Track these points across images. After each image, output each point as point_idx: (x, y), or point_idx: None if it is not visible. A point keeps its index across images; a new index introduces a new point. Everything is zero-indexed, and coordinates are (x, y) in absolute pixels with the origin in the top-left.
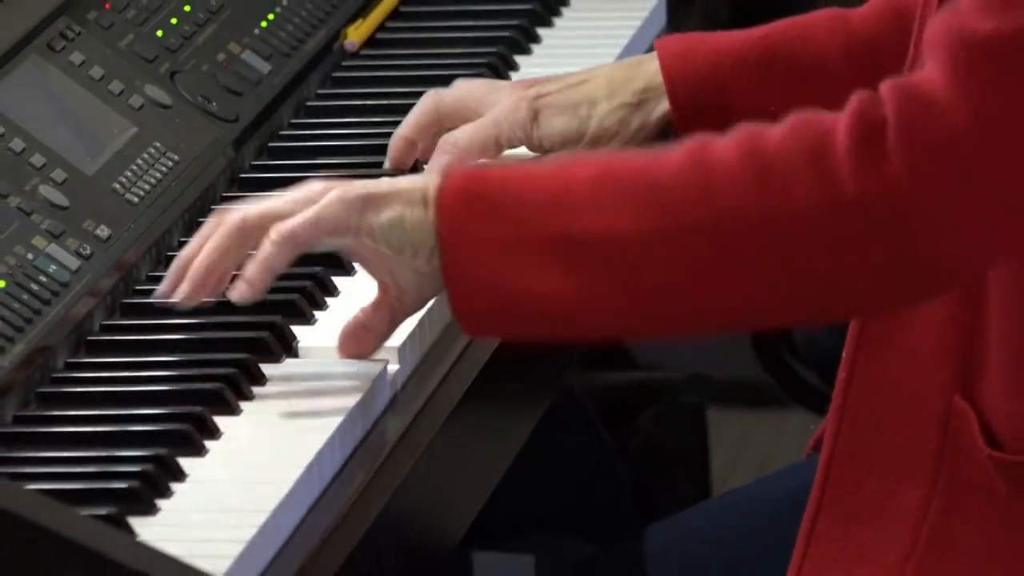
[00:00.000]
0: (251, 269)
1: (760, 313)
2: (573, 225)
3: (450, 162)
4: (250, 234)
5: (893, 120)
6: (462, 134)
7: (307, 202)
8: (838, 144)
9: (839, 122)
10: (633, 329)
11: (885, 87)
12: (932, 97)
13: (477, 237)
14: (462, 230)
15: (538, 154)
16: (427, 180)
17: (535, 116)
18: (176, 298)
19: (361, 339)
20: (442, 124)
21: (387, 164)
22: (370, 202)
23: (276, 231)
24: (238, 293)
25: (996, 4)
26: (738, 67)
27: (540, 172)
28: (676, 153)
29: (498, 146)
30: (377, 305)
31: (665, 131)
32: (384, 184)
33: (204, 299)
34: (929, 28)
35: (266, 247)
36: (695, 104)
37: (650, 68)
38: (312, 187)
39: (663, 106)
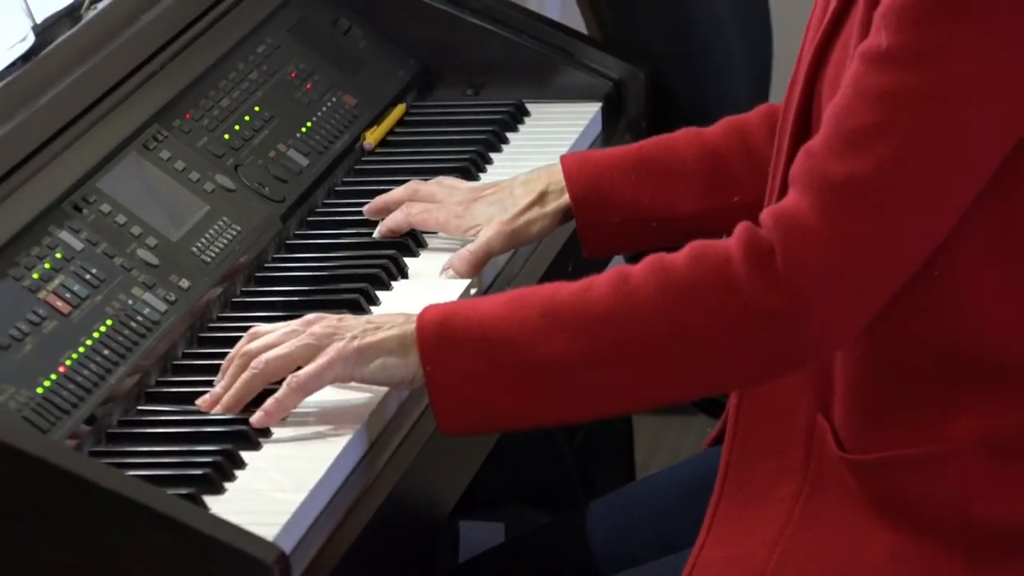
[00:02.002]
0: (271, 405)
1: (682, 392)
2: (530, 355)
3: (398, 224)
4: (268, 379)
5: (779, 248)
6: (418, 207)
7: (313, 348)
8: (737, 269)
9: (733, 251)
10: (580, 419)
11: (767, 217)
12: (806, 227)
13: (454, 371)
14: (442, 367)
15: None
16: (406, 328)
17: (468, 208)
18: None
19: None
20: (412, 200)
21: (366, 211)
22: (362, 354)
23: (293, 381)
24: (256, 420)
25: (843, 149)
26: (617, 171)
27: (498, 312)
28: (602, 285)
29: (436, 223)
30: None
31: (567, 215)
32: (372, 336)
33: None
34: (795, 166)
35: (284, 391)
36: (586, 197)
37: (556, 173)
38: (314, 330)
39: (564, 199)
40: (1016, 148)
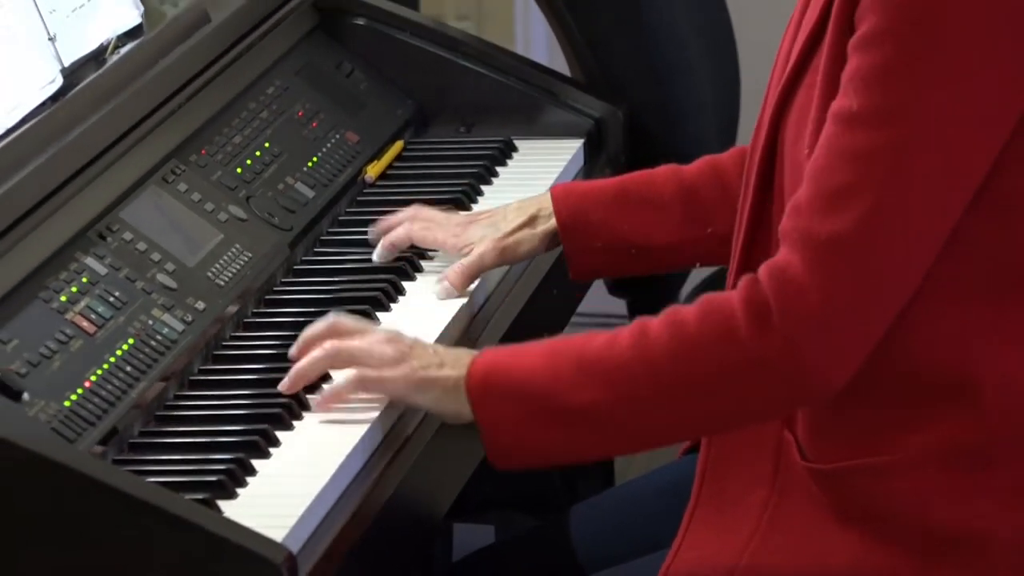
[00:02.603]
0: (331, 391)
1: (700, 431)
2: (564, 402)
3: (400, 239)
4: (338, 365)
5: (774, 302)
6: (419, 225)
7: (388, 359)
8: (739, 323)
9: (736, 305)
10: (610, 456)
11: (763, 273)
12: (797, 283)
13: (497, 416)
14: (488, 408)
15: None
16: (461, 372)
17: (464, 228)
18: (281, 389)
19: None
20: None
21: (371, 233)
22: (422, 385)
23: (362, 377)
24: (319, 402)
25: (825, 208)
26: (601, 200)
27: (536, 365)
28: (625, 339)
29: (435, 241)
30: None
31: (555, 239)
32: (436, 371)
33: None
34: (784, 222)
35: (348, 382)
36: (571, 223)
37: (546, 200)
38: (394, 346)
39: (552, 223)
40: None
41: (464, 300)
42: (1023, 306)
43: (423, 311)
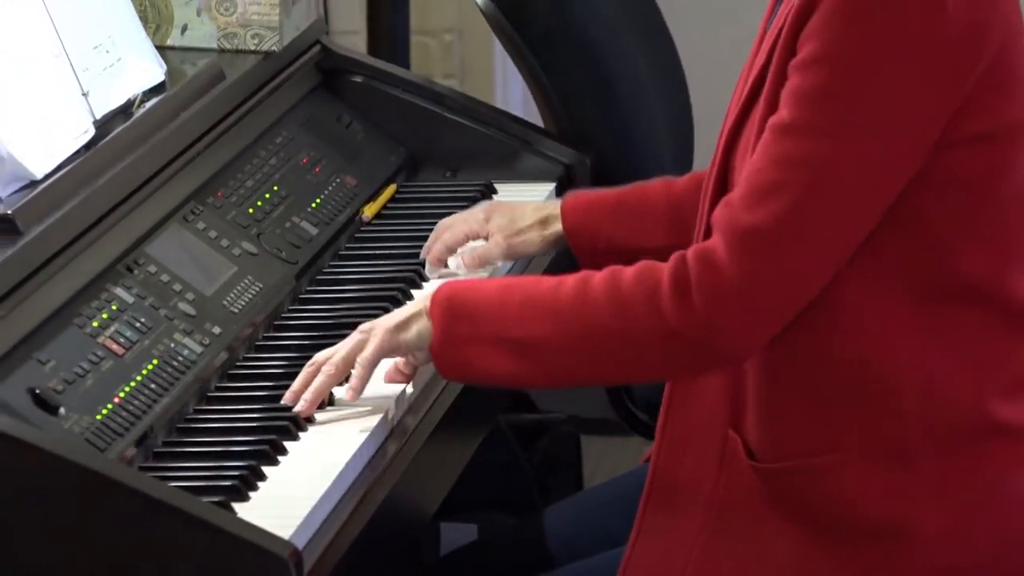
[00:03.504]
0: (353, 384)
1: (616, 379)
2: (508, 331)
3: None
4: (343, 370)
5: (695, 280)
6: (447, 233)
7: (362, 340)
8: (664, 293)
9: (664, 277)
10: (538, 387)
11: (691, 254)
12: (718, 265)
13: (454, 334)
14: (444, 330)
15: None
16: (424, 302)
17: (489, 217)
18: (298, 410)
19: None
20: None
21: (428, 260)
22: (399, 328)
23: (361, 359)
24: (349, 394)
25: (751, 202)
26: (602, 210)
27: (490, 296)
28: (569, 286)
29: (465, 236)
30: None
31: (561, 241)
32: (401, 315)
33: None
34: (716, 212)
35: (357, 371)
36: (575, 229)
37: (555, 207)
38: (364, 327)
39: (558, 228)
40: (895, 200)
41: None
42: (943, 312)
43: None
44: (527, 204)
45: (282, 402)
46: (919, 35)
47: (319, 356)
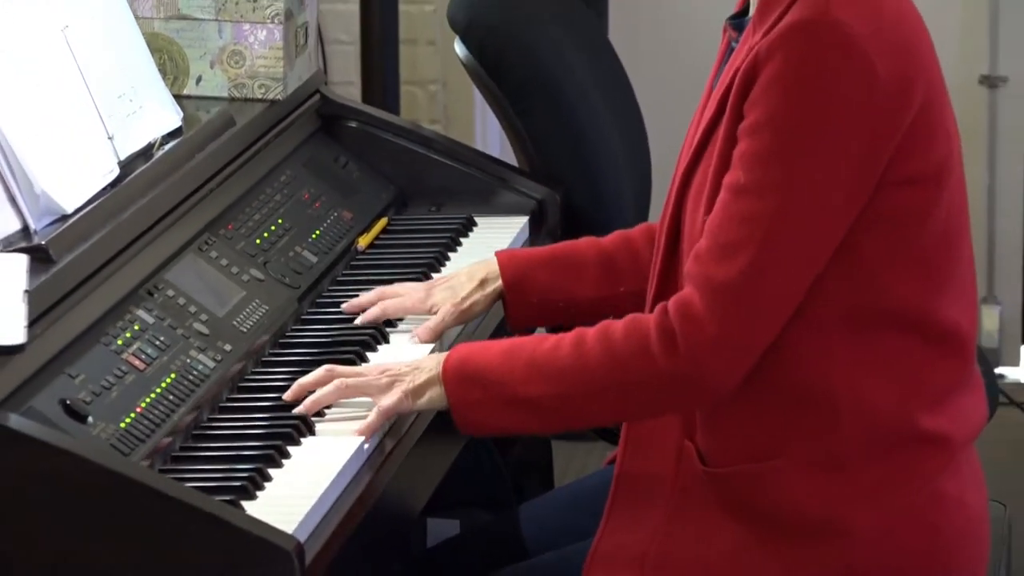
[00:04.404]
0: (366, 426)
1: (616, 421)
2: (516, 392)
3: (376, 317)
4: (347, 396)
5: (679, 329)
6: (390, 303)
7: (384, 387)
8: (653, 344)
9: (652, 329)
10: (548, 433)
11: (672, 305)
12: (697, 316)
13: (467, 399)
14: (458, 396)
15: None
16: (437, 369)
17: (428, 295)
18: (298, 411)
19: None
20: (382, 298)
21: (344, 308)
22: (414, 394)
23: (381, 409)
24: (360, 430)
25: (719, 258)
26: (536, 265)
27: (496, 361)
28: (567, 345)
29: (405, 310)
30: None
31: (501, 296)
32: (420, 378)
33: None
34: (688, 266)
35: (375, 415)
36: (513, 284)
37: (492, 265)
38: (386, 374)
39: (499, 284)
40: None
41: (433, 346)
42: (874, 337)
43: (402, 352)
44: (460, 273)
45: (285, 396)
46: (852, 96)
47: (338, 369)
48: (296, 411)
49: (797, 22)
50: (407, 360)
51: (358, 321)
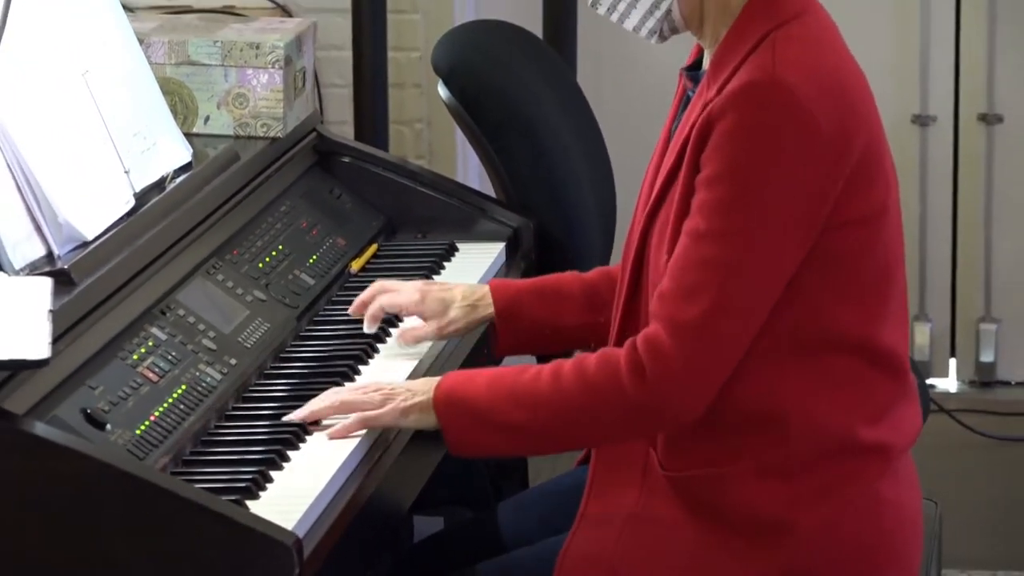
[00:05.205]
0: (340, 429)
1: (590, 445)
2: (500, 419)
3: (376, 312)
4: (342, 411)
5: (646, 362)
6: (385, 297)
7: (377, 403)
8: (623, 377)
9: (622, 363)
10: (530, 455)
11: (641, 341)
12: (663, 352)
13: (457, 424)
14: (449, 421)
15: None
16: (428, 395)
17: (423, 299)
18: (295, 417)
19: None
20: (381, 292)
21: (351, 311)
22: (404, 414)
23: (362, 418)
24: (333, 432)
25: (682, 298)
26: (526, 294)
27: (482, 391)
28: (546, 377)
29: (399, 306)
30: None
31: (488, 322)
32: (411, 400)
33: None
34: (653, 305)
35: (353, 420)
36: (505, 311)
37: (485, 292)
38: (382, 392)
39: (490, 311)
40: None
41: (417, 361)
42: (820, 359)
43: (390, 367)
44: (457, 289)
45: (292, 418)
46: (797, 148)
47: (342, 391)
48: (294, 418)
49: (747, 83)
50: (400, 381)
51: (365, 320)
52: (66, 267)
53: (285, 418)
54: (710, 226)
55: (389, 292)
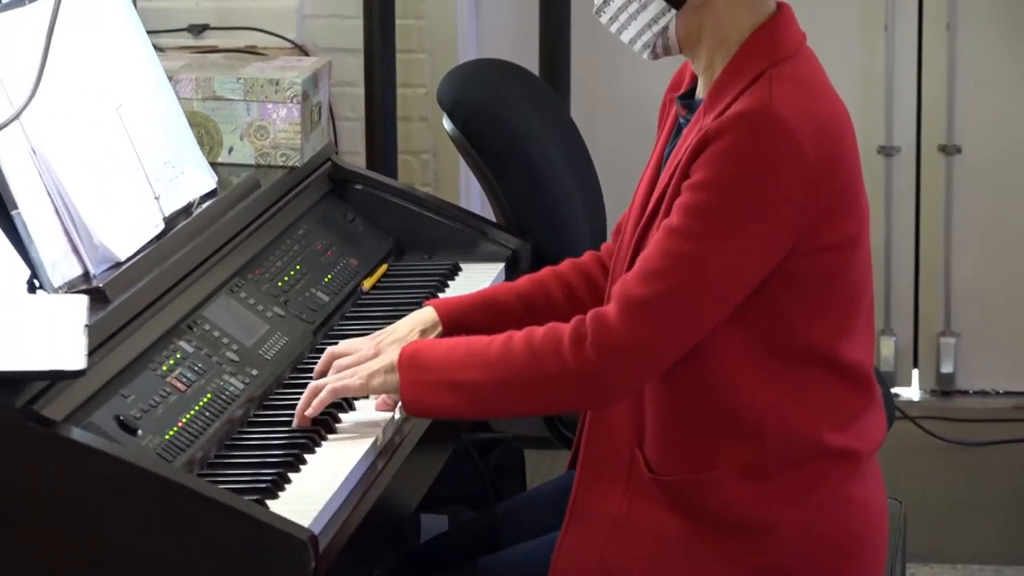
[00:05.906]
0: (323, 400)
1: (531, 412)
2: (454, 376)
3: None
4: (328, 400)
5: (590, 333)
6: (343, 362)
7: (347, 377)
8: (565, 346)
9: (566, 334)
10: (485, 418)
11: (589, 315)
12: (608, 325)
13: (414, 380)
14: (407, 377)
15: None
16: (393, 357)
17: (377, 349)
18: (308, 414)
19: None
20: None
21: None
22: (371, 377)
23: (331, 386)
24: (299, 411)
25: (640, 280)
26: (471, 308)
27: (442, 351)
28: (499, 341)
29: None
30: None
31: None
32: (376, 364)
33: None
34: (616, 285)
35: (324, 393)
36: (452, 327)
37: (427, 314)
38: (349, 370)
39: (438, 328)
40: (760, 288)
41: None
42: (793, 370)
43: None
44: (400, 325)
45: (294, 425)
46: (784, 174)
47: (336, 351)
48: (305, 414)
49: (745, 111)
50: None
51: (308, 412)
52: (101, 285)
53: (303, 411)
54: (684, 224)
55: (342, 356)
